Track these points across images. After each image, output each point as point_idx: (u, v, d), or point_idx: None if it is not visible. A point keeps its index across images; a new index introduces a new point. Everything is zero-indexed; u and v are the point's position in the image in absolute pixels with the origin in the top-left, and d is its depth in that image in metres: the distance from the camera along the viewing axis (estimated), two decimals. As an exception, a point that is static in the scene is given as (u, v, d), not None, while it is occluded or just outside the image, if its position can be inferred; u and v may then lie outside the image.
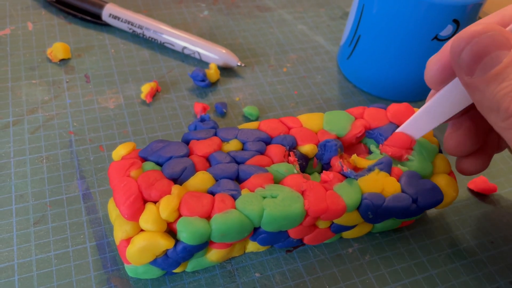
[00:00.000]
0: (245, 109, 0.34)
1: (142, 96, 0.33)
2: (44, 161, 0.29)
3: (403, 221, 0.28)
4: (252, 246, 0.26)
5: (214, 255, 0.24)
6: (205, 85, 0.35)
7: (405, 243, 0.28)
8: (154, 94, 0.34)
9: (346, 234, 0.27)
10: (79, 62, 0.36)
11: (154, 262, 0.23)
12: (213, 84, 0.36)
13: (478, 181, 0.31)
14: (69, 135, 0.31)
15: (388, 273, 0.26)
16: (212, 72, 0.35)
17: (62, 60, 0.36)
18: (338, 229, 0.26)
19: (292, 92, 0.36)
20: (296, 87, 0.37)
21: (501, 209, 0.30)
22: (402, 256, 0.27)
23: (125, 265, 0.24)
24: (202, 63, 0.37)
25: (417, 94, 0.37)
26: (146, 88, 0.33)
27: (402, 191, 0.25)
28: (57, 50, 0.35)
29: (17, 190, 0.27)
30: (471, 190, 0.31)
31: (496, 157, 0.34)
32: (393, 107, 0.28)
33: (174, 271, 0.24)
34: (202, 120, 0.32)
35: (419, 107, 0.37)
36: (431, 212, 0.30)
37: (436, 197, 0.25)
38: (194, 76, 0.35)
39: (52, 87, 0.34)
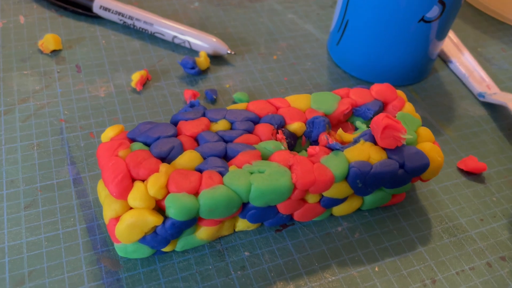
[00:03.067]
0: (235, 95, 0.34)
1: (133, 84, 0.34)
2: (35, 147, 0.29)
3: (392, 196, 0.28)
4: (242, 224, 0.26)
5: (203, 232, 0.24)
6: (195, 73, 0.35)
7: (394, 221, 0.28)
8: (145, 83, 0.34)
9: (336, 211, 0.27)
10: (70, 53, 0.36)
11: (143, 240, 0.23)
12: (203, 72, 0.36)
13: (468, 161, 0.31)
14: (60, 122, 0.31)
15: (377, 250, 0.27)
16: (202, 60, 0.35)
17: (53, 51, 0.36)
18: (328, 203, 0.26)
19: (282, 78, 0.37)
20: (286, 73, 0.37)
21: (490, 188, 0.31)
22: (391, 233, 0.27)
23: (115, 244, 0.24)
24: (193, 52, 0.38)
25: (405, 78, 0.37)
26: (136, 76, 0.34)
27: (388, 157, 0.25)
28: (48, 41, 0.35)
29: (8, 176, 0.28)
30: (460, 170, 0.31)
31: (486, 137, 0.34)
32: (376, 87, 0.29)
33: (164, 250, 0.24)
34: (192, 105, 0.32)
35: (408, 91, 0.37)
36: (421, 190, 0.30)
37: (422, 161, 0.25)
38: (184, 63, 0.35)
39: (44, 77, 0.34)
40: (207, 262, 0.25)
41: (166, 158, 0.24)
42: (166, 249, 0.24)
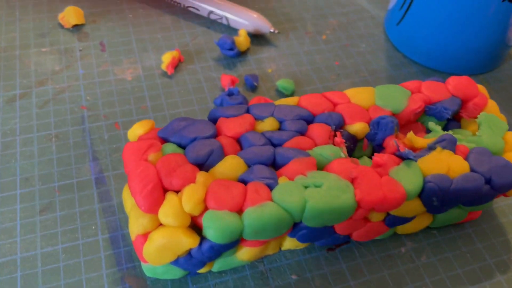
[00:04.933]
0: (278, 82, 0.29)
1: (163, 66, 0.29)
2: (53, 139, 0.26)
3: (468, 213, 0.23)
4: (290, 243, 0.22)
5: (245, 253, 0.21)
6: (233, 55, 0.31)
7: (467, 243, 0.24)
8: (177, 65, 0.30)
9: (401, 229, 0.23)
10: (93, 29, 0.32)
11: (175, 262, 0.20)
12: (242, 54, 0.31)
13: (555, 169, 0.26)
14: (82, 110, 0.27)
15: (448, 278, 0.22)
16: (242, 40, 0.31)
17: (75, 26, 0.32)
18: (394, 222, 0.22)
19: (332, 62, 0.32)
20: (337, 57, 0.32)
21: None
22: (464, 257, 0.23)
23: (142, 263, 0.20)
24: (230, 30, 0.33)
25: (480, 66, 0.32)
26: (167, 58, 0.29)
27: (472, 170, 0.21)
28: (70, 14, 0.31)
29: (22, 172, 0.24)
30: (546, 180, 0.27)
31: None
32: (454, 80, 0.24)
33: (199, 271, 0.21)
34: (230, 94, 0.28)
35: (480, 82, 0.32)
36: (498, 204, 0.25)
37: None
38: (221, 44, 0.30)
39: (64, 55, 0.30)
40: (247, 285, 0.21)
41: (204, 164, 0.20)
42: (201, 270, 0.21)
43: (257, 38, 0.33)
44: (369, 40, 0.34)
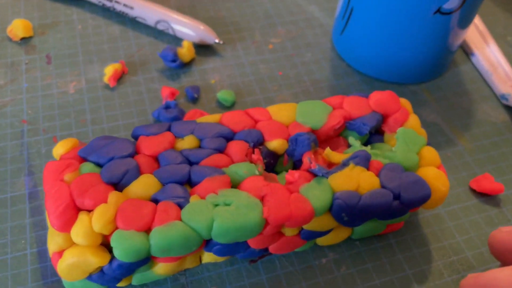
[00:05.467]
0: (218, 94, 0.30)
1: (105, 79, 0.30)
2: (-8, 154, 0.26)
3: (388, 225, 0.24)
4: (209, 257, 0.23)
5: (161, 268, 0.21)
6: (176, 66, 0.31)
7: (388, 254, 0.24)
8: (120, 77, 0.31)
9: (321, 241, 0.24)
10: (42, 41, 0.33)
11: (90, 278, 0.20)
12: (186, 65, 0.32)
13: (482, 180, 0.27)
14: (22, 124, 0.28)
15: (365, 289, 0.23)
16: (185, 51, 0.31)
17: (23, 38, 0.33)
18: (309, 235, 0.22)
19: (276, 73, 0.32)
20: (281, 67, 0.33)
21: (506, 213, 0.26)
22: (384, 268, 0.24)
23: (62, 278, 0.21)
24: (177, 40, 0.34)
25: (418, 75, 0.32)
26: (109, 71, 0.30)
27: (382, 186, 0.22)
28: (17, 27, 0.32)
29: (-42, 187, 0.25)
30: (472, 190, 0.27)
31: (507, 149, 0.29)
32: (376, 95, 0.24)
33: (118, 285, 0.22)
34: (167, 107, 0.28)
35: (421, 90, 0.32)
36: (423, 215, 0.26)
37: (421, 191, 0.22)
38: (164, 55, 0.31)
39: (10, 69, 0.31)
40: (167, 298, 0.22)
41: (118, 183, 0.21)
42: (120, 284, 0.22)
43: (203, 48, 0.33)
44: (315, 49, 0.34)
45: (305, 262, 0.24)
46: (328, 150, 0.23)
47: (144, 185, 0.21)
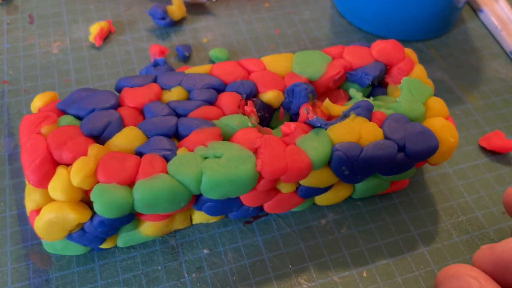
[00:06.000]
0: (211, 52, 0.28)
1: (91, 38, 0.28)
2: (-30, 115, 0.25)
3: (392, 183, 0.22)
4: (200, 217, 0.21)
5: (148, 228, 0.20)
6: (166, 24, 0.29)
7: (392, 213, 0.23)
8: (106, 36, 0.29)
9: (320, 200, 0.22)
10: (24, 1, 0.31)
11: (70, 237, 0.19)
12: (177, 23, 0.30)
13: (492, 137, 0.25)
14: (3, 85, 0.26)
15: (367, 250, 0.22)
16: (175, 8, 0.29)
17: (4, -2, 0.31)
18: (307, 192, 0.21)
19: (273, 31, 0.31)
20: (279, 25, 0.31)
21: (519, 171, 0.25)
22: (388, 229, 0.22)
23: (42, 240, 0.20)
24: (168, -1, 0.32)
25: (424, 31, 0.30)
26: (95, 29, 0.28)
27: (385, 137, 0.20)
28: (-2, -14, 0.30)
29: None
30: (482, 149, 0.26)
31: (519, 107, 0.28)
32: (379, 44, 0.23)
33: (102, 246, 0.20)
34: (156, 65, 0.27)
35: (426, 47, 0.30)
36: (430, 174, 0.24)
37: (428, 142, 0.20)
38: (153, 13, 0.29)
39: (-10, 29, 0.29)
40: (156, 261, 0.21)
41: (100, 136, 0.19)
42: (104, 245, 0.20)
43: (195, 6, 0.31)
44: (314, 6, 0.32)
45: (303, 223, 0.22)
46: (327, 101, 0.21)
47: (127, 137, 0.19)
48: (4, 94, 0.26)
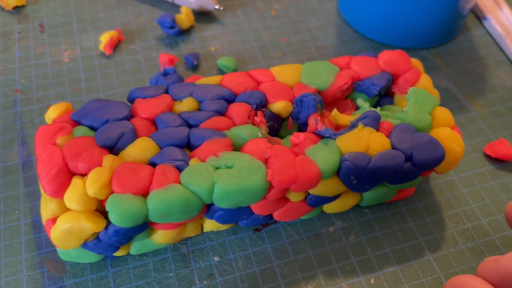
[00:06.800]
0: (219, 61, 0.29)
1: (101, 47, 0.29)
2: (-16, 124, 0.25)
3: (399, 191, 0.23)
4: (210, 225, 0.22)
5: (160, 236, 0.20)
6: (174, 33, 0.30)
7: (399, 221, 0.23)
8: (116, 45, 0.29)
9: (328, 208, 0.23)
10: (34, 10, 0.31)
11: (85, 246, 0.19)
12: (186, 32, 0.31)
13: (497, 145, 0.26)
14: (15, 93, 0.27)
15: (375, 257, 0.22)
16: (183, 17, 0.30)
17: (15, 7, 0.31)
18: (316, 201, 0.21)
19: (279, 39, 0.31)
20: (285, 33, 0.31)
21: (523, 179, 0.25)
22: (395, 236, 0.23)
23: (57, 248, 0.20)
24: (176, 8, 0.32)
25: (428, 39, 0.31)
26: (105, 38, 0.29)
27: (393, 147, 0.20)
28: (9, -5, 0.31)
29: (-51, 158, 0.24)
30: (487, 156, 0.26)
31: (523, 114, 0.28)
32: (385, 55, 0.23)
33: (115, 254, 0.21)
34: (165, 74, 0.27)
35: (431, 55, 0.31)
36: (435, 182, 0.25)
37: (435, 152, 0.20)
38: (162, 22, 0.30)
39: (2, 38, 0.29)
40: (168, 268, 0.21)
41: (114, 147, 0.20)
42: (118, 253, 0.21)
43: (202, 15, 0.32)
44: (320, 15, 0.33)
45: (312, 231, 0.23)
46: (335, 111, 0.22)
47: (140, 148, 0.20)
48: (17, 103, 0.26)
